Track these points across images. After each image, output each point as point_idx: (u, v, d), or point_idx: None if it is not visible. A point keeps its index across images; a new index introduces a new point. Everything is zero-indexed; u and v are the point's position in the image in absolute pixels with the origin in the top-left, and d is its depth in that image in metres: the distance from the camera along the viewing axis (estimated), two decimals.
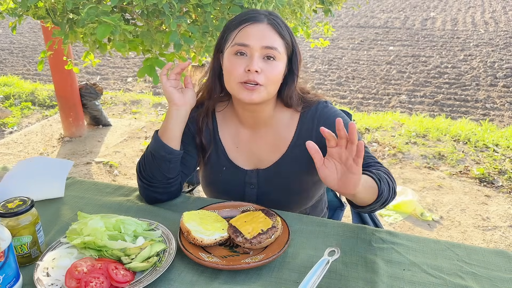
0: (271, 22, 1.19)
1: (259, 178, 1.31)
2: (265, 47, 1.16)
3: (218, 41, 1.26)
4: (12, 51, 7.76)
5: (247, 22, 1.18)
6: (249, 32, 1.17)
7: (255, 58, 1.15)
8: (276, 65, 1.18)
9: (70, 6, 1.73)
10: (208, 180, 1.39)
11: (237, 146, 1.33)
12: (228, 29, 1.23)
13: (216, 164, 1.34)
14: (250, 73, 1.15)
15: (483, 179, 3.18)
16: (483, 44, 7.37)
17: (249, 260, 1.01)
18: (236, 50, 1.17)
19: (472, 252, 1.09)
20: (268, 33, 1.17)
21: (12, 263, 0.93)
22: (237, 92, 1.19)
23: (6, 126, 4.36)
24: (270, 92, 1.20)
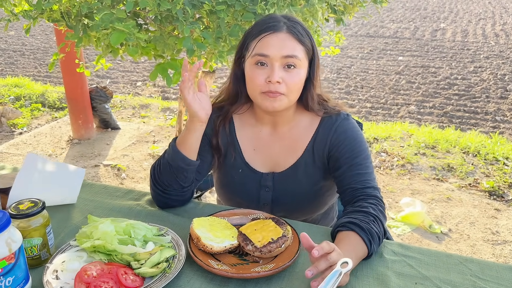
0: (291, 30, 1.19)
1: (275, 181, 1.31)
2: (285, 57, 1.16)
3: (239, 47, 1.26)
4: (23, 52, 7.85)
5: (266, 31, 1.19)
6: (269, 42, 1.17)
7: (276, 69, 1.16)
8: (297, 73, 1.18)
9: (84, 10, 1.75)
10: (223, 182, 1.39)
11: (254, 149, 1.34)
12: (248, 37, 1.23)
13: (232, 166, 1.34)
14: (271, 83, 1.16)
15: (492, 193, 3.14)
16: (493, 56, 7.33)
17: (259, 269, 1.00)
18: (256, 61, 1.18)
19: (485, 267, 1.07)
20: (287, 42, 1.17)
21: (22, 265, 0.93)
22: (259, 101, 1.21)
23: (16, 126, 4.39)
24: (292, 99, 1.21)
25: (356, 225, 1.07)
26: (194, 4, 1.73)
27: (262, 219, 1.17)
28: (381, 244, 1.12)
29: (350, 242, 1.05)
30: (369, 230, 1.07)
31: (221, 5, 1.70)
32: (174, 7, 1.63)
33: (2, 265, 0.88)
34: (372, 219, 1.10)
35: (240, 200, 1.35)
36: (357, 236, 1.06)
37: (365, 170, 1.22)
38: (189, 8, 1.65)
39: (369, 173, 1.22)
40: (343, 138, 1.24)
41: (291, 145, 1.30)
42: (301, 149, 1.29)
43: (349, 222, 1.09)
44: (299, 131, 1.30)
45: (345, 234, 1.07)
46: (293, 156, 1.30)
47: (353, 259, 1.00)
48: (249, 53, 1.21)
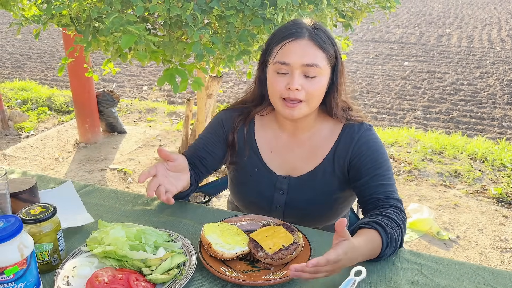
0: (313, 37, 1.18)
1: (290, 185, 1.31)
2: (305, 65, 1.16)
3: (263, 52, 1.27)
4: (30, 56, 7.90)
5: (288, 38, 1.19)
6: (290, 49, 1.18)
7: (296, 76, 1.16)
8: (318, 81, 1.18)
9: (95, 14, 1.75)
10: (238, 180, 1.40)
11: (271, 151, 1.34)
12: (272, 42, 1.24)
13: (248, 164, 1.35)
14: (291, 91, 1.16)
15: (500, 199, 3.11)
16: (499, 62, 7.30)
17: (270, 277, 1.00)
18: (277, 68, 1.19)
19: (499, 276, 1.05)
20: (308, 49, 1.17)
21: (34, 270, 0.93)
22: (279, 107, 1.22)
23: (23, 130, 4.41)
24: (312, 107, 1.21)
25: (381, 226, 1.07)
26: (204, 9, 1.73)
27: (272, 225, 1.16)
28: (395, 252, 1.11)
29: (370, 239, 1.04)
30: (391, 235, 1.07)
31: (230, 10, 1.70)
32: (184, 12, 1.63)
33: (14, 271, 0.88)
34: (395, 225, 1.10)
35: (254, 200, 1.35)
36: (378, 236, 1.05)
37: (387, 181, 1.21)
38: (198, 14, 1.65)
39: (392, 185, 1.22)
40: (365, 149, 1.24)
41: (310, 151, 1.30)
42: (321, 157, 1.29)
43: (374, 222, 1.09)
44: (319, 139, 1.30)
45: (368, 231, 1.07)
46: (312, 162, 1.30)
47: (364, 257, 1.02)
48: (271, 59, 1.22)
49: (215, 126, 1.40)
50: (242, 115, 1.36)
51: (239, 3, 1.70)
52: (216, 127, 1.39)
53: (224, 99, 5.66)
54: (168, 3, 1.62)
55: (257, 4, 1.69)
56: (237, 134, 1.36)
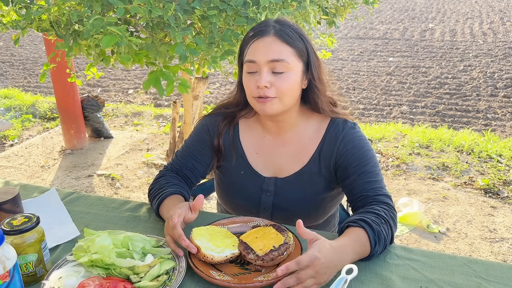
0: (278, 33, 1.17)
1: (277, 186, 1.30)
2: (271, 61, 1.15)
3: (239, 55, 1.27)
4: (12, 63, 7.77)
5: (254, 37, 1.20)
6: (256, 47, 1.18)
7: (263, 74, 1.16)
8: (287, 77, 1.17)
9: (75, 18, 1.72)
10: (224, 183, 1.38)
11: (256, 153, 1.33)
12: (243, 43, 1.25)
13: (234, 167, 1.34)
14: (260, 89, 1.16)
15: (488, 190, 3.15)
16: (482, 54, 7.40)
17: (261, 278, 0.98)
18: (247, 68, 1.20)
19: (489, 268, 1.06)
20: (274, 45, 1.16)
21: (18, 282, 0.90)
22: (254, 106, 1.22)
23: (6, 138, 4.33)
24: (285, 103, 1.20)
25: (367, 223, 1.07)
26: (186, 9, 1.71)
27: (262, 226, 1.15)
28: (386, 249, 1.11)
29: (356, 238, 1.04)
30: (378, 232, 1.06)
31: (213, 10, 1.68)
32: (166, 13, 1.61)
33: None
34: (383, 221, 1.10)
35: (241, 203, 1.34)
36: (365, 234, 1.05)
37: (375, 178, 1.21)
38: (180, 14, 1.63)
39: (380, 181, 1.21)
40: (350, 147, 1.23)
41: (296, 152, 1.29)
42: (306, 157, 1.28)
43: (360, 220, 1.08)
44: (304, 138, 1.29)
45: (354, 229, 1.07)
46: (299, 163, 1.29)
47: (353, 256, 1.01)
48: (244, 60, 1.22)
49: (200, 133, 1.38)
50: (226, 119, 1.35)
51: (221, 3, 1.68)
52: (202, 133, 1.37)
53: (211, 100, 5.63)
54: (149, 5, 1.60)
55: (239, 3, 1.68)
56: (223, 138, 1.35)
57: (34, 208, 1.33)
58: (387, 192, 1.21)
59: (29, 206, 1.32)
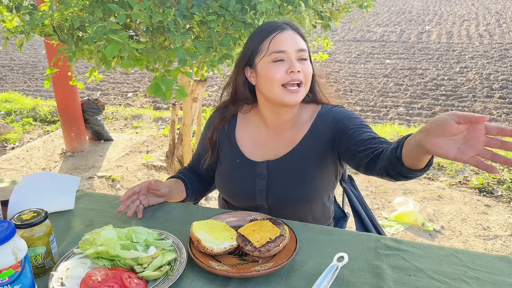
0: (294, 28, 1.33)
1: (269, 168, 1.37)
2: (299, 50, 1.28)
3: (244, 56, 1.36)
4: (12, 67, 7.83)
5: (275, 31, 1.30)
6: (282, 39, 1.29)
7: (294, 61, 1.27)
8: (309, 64, 1.31)
9: (77, 23, 1.78)
10: (222, 173, 1.47)
11: (254, 143, 1.42)
12: (254, 41, 1.33)
13: (230, 157, 1.44)
14: (293, 73, 1.25)
15: (482, 189, 3.21)
16: (478, 56, 7.48)
17: (258, 268, 1.04)
18: (274, 58, 1.28)
19: (475, 257, 1.11)
20: (297, 37, 1.31)
21: (28, 273, 0.96)
22: (280, 96, 1.28)
23: (8, 142, 4.38)
24: (306, 89, 1.32)
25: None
26: (185, 15, 1.77)
27: (259, 220, 1.21)
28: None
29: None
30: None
31: (212, 15, 1.74)
32: (166, 18, 1.67)
33: (9, 274, 0.91)
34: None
35: (238, 189, 1.42)
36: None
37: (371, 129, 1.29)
38: (180, 19, 1.69)
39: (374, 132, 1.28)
40: (344, 115, 1.34)
41: (288, 137, 1.39)
42: (296, 140, 1.37)
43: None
44: (298, 125, 1.39)
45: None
46: (289, 145, 1.38)
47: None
48: (263, 54, 1.30)
49: (207, 129, 1.52)
50: (224, 113, 1.47)
51: (219, 8, 1.74)
52: (206, 130, 1.52)
53: (209, 103, 5.69)
54: (150, 10, 1.66)
55: (237, 9, 1.74)
56: (218, 132, 1.47)
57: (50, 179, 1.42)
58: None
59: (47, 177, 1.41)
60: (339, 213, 1.71)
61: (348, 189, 1.66)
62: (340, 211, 1.72)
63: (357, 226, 1.55)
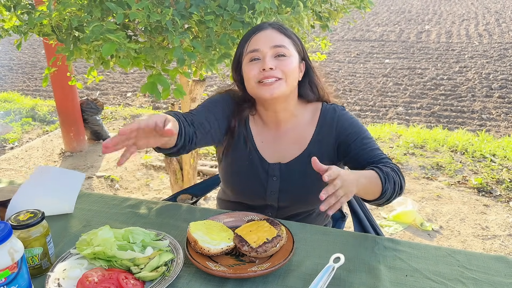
0: (275, 26, 1.32)
1: (281, 171, 1.37)
2: (274, 47, 1.27)
3: (234, 59, 1.38)
4: (11, 67, 7.82)
5: (254, 32, 1.32)
6: (258, 39, 1.30)
7: (267, 58, 1.26)
8: (290, 61, 1.28)
9: (75, 23, 1.78)
10: (233, 169, 1.43)
11: (262, 141, 1.42)
12: (239, 46, 1.35)
13: (244, 151, 1.41)
14: (265, 71, 1.25)
15: (481, 189, 3.21)
16: (477, 56, 7.48)
17: (255, 269, 1.04)
18: (250, 58, 1.29)
19: (472, 258, 1.11)
20: (274, 35, 1.30)
21: (25, 274, 0.96)
22: (257, 91, 1.28)
23: (7, 141, 4.38)
24: (289, 84, 1.28)
25: (376, 167, 1.19)
26: (183, 14, 1.77)
27: (256, 220, 1.21)
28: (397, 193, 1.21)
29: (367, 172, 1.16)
30: (387, 173, 1.17)
31: (210, 15, 1.74)
32: (164, 18, 1.66)
33: (6, 275, 0.91)
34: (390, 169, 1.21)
35: (250, 186, 1.40)
36: (374, 172, 1.16)
37: (374, 146, 1.32)
38: (178, 19, 1.69)
39: (378, 148, 1.32)
40: (347, 125, 1.35)
41: (295, 139, 1.39)
42: (305, 142, 1.38)
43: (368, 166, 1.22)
44: (302, 126, 1.39)
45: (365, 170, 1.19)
46: (299, 148, 1.38)
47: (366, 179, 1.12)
48: (243, 56, 1.32)
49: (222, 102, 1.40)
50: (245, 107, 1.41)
51: (218, 8, 1.74)
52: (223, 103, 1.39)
53: None
54: (148, 10, 1.66)
55: (235, 9, 1.74)
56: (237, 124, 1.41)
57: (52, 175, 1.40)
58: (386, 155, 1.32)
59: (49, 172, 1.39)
60: (337, 213, 1.71)
61: None
62: (338, 212, 1.72)
63: (355, 226, 1.55)
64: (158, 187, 3.40)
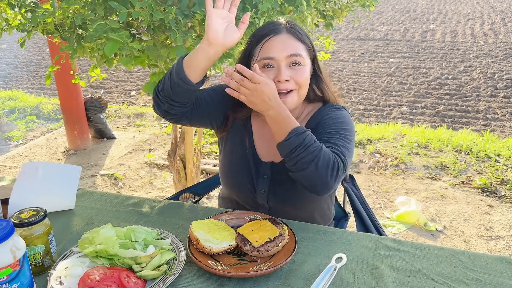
0: (290, 30, 1.26)
1: (273, 170, 1.35)
2: (289, 56, 1.23)
3: (242, 58, 1.32)
4: (16, 65, 7.86)
5: (268, 35, 1.25)
6: (272, 44, 1.24)
7: (282, 68, 1.22)
8: (303, 70, 1.25)
9: (78, 21, 1.78)
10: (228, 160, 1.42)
11: (260, 138, 1.40)
12: (250, 45, 1.29)
13: (240, 145, 1.39)
14: (280, 83, 1.21)
15: (485, 189, 3.19)
16: (483, 55, 7.44)
17: (257, 268, 1.04)
18: (263, 64, 1.24)
19: (475, 258, 1.10)
20: (289, 41, 1.24)
21: (27, 271, 0.96)
22: None
23: (11, 139, 4.40)
24: (301, 95, 1.27)
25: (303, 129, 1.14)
26: (186, 14, 1.77)
27: (259, 219, 1.20)
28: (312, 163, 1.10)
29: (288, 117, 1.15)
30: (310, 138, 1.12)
31: None
32: (167, 17, 1.66)
33: (8, 272, 0.91)
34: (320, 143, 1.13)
35: (239, 183, 1.39)
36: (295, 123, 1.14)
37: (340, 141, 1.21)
38: (181, 18, 1.69)
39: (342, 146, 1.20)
40: (329, 116, 1.29)
41: None
42: None
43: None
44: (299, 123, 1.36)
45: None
46: None
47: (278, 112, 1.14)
48: (254, 60, 1.26)
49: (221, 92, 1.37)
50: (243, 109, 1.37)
51: None
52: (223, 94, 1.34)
53: None
54: (151, 8, 1.66)
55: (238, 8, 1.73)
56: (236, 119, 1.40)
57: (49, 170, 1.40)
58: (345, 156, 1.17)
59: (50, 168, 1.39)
60: (340, 213, 1.70)
61: (349, 188, 1.65)
62: (341, 211, 1.71)
63: (357, 226, 1.54)
64: (162, 185, 3.40)
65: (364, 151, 3.89)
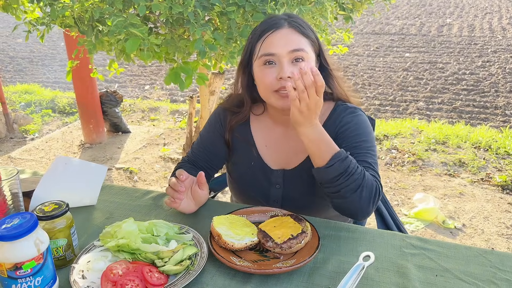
0: (292, 24, 1.20)
1: (285, 178, 1.31)
2: (291, 51, 1.17)
3: (244, 56, 1.28)
4: (32, 59, 7.94)
5: (268, 31, 1.20)
6: (273, 40, 1.18)
7: (285, 65, 1.16)
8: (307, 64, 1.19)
9: (97, 15, 1.77)
10: (235, 174, 1.41)
11: (266, 145, 1.35)
12: (251, 42, 1.24)
13: (245, 157, 1.36)
14: (283, 80, 1.16)
15: (505, 187, 3.12)
16: (501, 50, 7.28)
17: (280, 265, 1.02)
18: (264, 61, 1.19)
19: (505, 258, 1.07)
20: (291, 36, 1.18)
21: (50, 265, 0.96)
22: (273, 101, 1.21)
23: (27, 132, 4.45)
24: None
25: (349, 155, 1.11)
26: (205, 6, 1.75)
27: (280, 216, 1.18)
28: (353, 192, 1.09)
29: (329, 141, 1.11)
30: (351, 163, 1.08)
31: (232, 6, 1.72)
32: (186, 10, 1.65)
33: (32, 265, 0.91)
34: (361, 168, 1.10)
35: (252, 195, 1.37)
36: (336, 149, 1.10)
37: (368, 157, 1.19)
38: (200, 10, 1.67)
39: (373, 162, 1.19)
40: (348, 127, 1.24)
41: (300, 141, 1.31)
42: None
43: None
44: None
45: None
46: (303, 153, 1.29)
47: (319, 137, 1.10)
48: (255, 56, 1.22)
49: (214, 124, 1.41)
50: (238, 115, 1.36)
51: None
52: (215, 124, 1.41)
53: None
54: (170, 1, 1.64)
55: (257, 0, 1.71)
56: (233, 133, 1.37)
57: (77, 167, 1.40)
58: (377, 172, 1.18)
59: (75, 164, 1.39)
60: None
61: None
62: None
63: (378, 224, 1.51)
64: None
65: (380, 147, 3.83)
